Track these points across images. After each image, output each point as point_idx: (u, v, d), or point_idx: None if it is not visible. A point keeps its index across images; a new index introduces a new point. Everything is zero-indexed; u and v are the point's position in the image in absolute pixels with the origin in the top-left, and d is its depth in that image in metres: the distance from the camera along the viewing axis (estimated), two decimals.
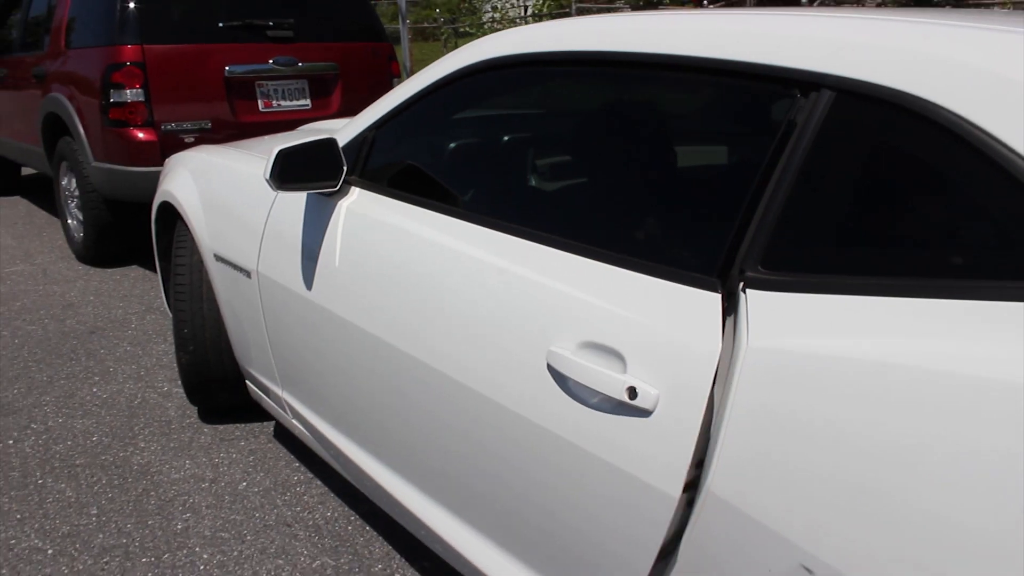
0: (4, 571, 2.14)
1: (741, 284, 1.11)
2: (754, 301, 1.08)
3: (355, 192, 1.93)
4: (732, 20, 1.30)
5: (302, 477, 2.54)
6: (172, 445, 2.76)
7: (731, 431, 1.04)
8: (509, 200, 1.69)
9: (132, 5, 4.21)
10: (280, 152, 1.81)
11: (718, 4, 13.27)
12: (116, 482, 2.54)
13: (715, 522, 1.07)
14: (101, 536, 2.27)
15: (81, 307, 4.19)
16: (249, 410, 2.98)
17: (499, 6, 20.65)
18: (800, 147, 1.11)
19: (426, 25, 13.48)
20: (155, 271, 4.79)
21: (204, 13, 4.42)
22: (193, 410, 3.01)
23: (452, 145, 1.91)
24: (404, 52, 13.34)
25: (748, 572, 1.04)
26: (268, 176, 1.81)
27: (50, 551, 2.22)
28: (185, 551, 2.20)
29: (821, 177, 1.09)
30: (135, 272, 4.83)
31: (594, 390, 1.22)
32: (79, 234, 4.93)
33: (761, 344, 1.04)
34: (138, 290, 4.47)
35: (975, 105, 0.96)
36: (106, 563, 2.16)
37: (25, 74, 5.31)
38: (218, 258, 2.40)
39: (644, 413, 1.16)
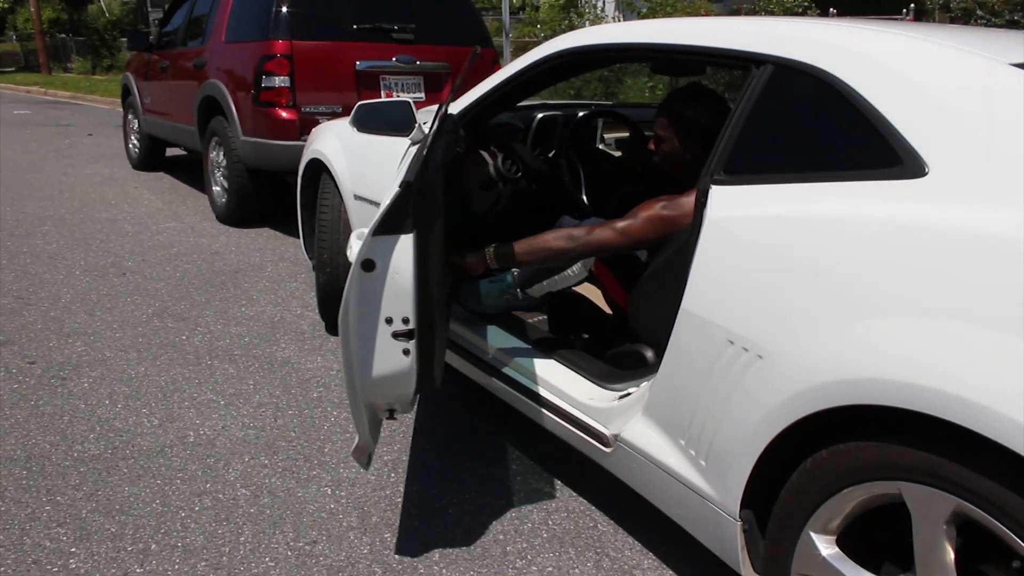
0: (192, 412, 2.93)
1: (711, 184, 1.77)
2: (716, 192, 1.74)
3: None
4: (722, 22, 1.96)
5: None
6: (306, 347, 3.53)
7: (698, 265, 1.71)
8: None
9: (284, 8, 5.08)
10: (360, 105, 2.63)
11: None
12: (265, 367, 3.32)
13: (686, 326, 1.73)
14: (257, 397, 3.05)
15: (225, 254, 5.07)
16: None
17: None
18: (750, 100, 1.76)
19: (527, 40, 14.33)
20: (284, 233, 5.64)
21: (341, 16, 5.27)
22: (322, 325, 3.78)
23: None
24: (506, 62, 14.18)
25: (701, 356, 1.69)
26: (350, 121, 2.65)
27: (222, 402, 3.00)
28: (320, 409, 2.95)
29: (760, 118, 1.74)
30: (267, 232, 5.71)
31: None
32: (222, 199, 5.84)
33: (715, 215, 1.70)
34: (271, 245, 5.33)
35: (849, 72, 1.60)
36: (262, 413, 2.92)
37: (186, 64, 6.29)
38: (357, 197, 3.16)
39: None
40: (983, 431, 1.16)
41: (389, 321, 1.86)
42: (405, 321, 1.86)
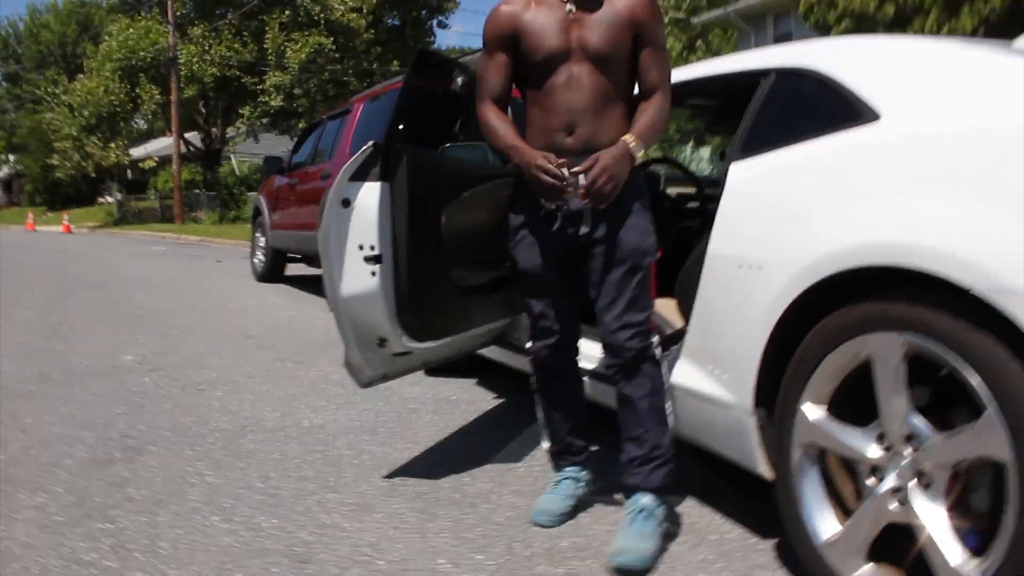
0: (308, 411, 3.42)
1: (731, 163, 2.24)
2: (734, 166, 2.21)
3: None
4: (736, 55, 2.50)
5: None
6: (408, 380, 4.02)
7: (719, 220, 2.16)
8: None
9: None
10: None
11: None
12: (372, 391, 3.81)
13: (708, 269, 2.17)
14: (362, 405, 3.53)
15: None
16: None
17: None
18: (759, 99, 2.27)
19: None
20: None
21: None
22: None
23: None
24: None
25: (719, 287, 2.11)
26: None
27: (332, 407, 3.49)
28: (415, 414, 3.41)
29: (766, 110, 2.23)
30: None
31: None
32: None
33: (733, 179, 2.17)
34: None
35: (825, 64, 2.10)
36: (365, 413, 3.39)
37: (313, 178, 7.22)
38: None
39: None
40: (922, 267, 1.55)
41: (360, 247, 2.37)
42: (372, 248, 2.37)
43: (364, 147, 2.40)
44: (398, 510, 2.35)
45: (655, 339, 2.17)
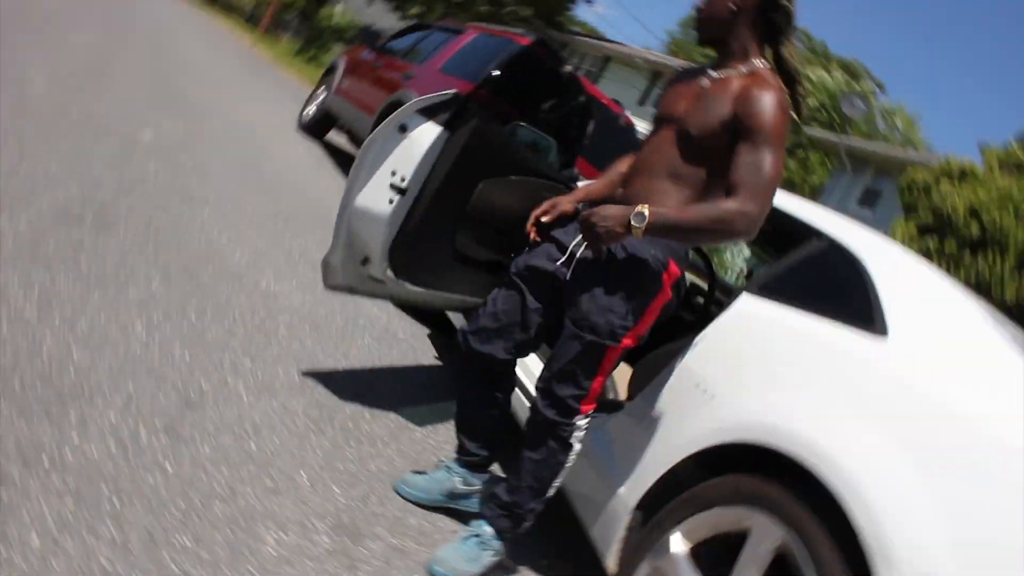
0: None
1: (743, 290, 2.32)
2: (742, 296, 2.29)
3: None
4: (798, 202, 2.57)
5: None
6: None
7: (715, 325, 2.24)
8: None
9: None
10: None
11: None
12: None
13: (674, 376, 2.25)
14: None
15: None
16: None
17: None
18: (802, 254, 2.33)
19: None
20: None
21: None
22: None
23: None
24: None
25: (671, 393, 2.20)
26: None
27: None
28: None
29: (803, 268, 2.31)
30: None
31: None
32: None
33: (734, 309, 2.25)
34: None
35: (881, 274, 2.18)
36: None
37: (395, 71, 7.24)
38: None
39: None
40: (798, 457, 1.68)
41: (393, 173, 2.43)
42: (402, 180, 2.43)
43: (447, 91, 2.46)
44: (294, 408, 2.44)
45: (580, 421, 2.09)
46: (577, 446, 2.12)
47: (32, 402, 1.78)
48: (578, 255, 2.10)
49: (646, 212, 1.88)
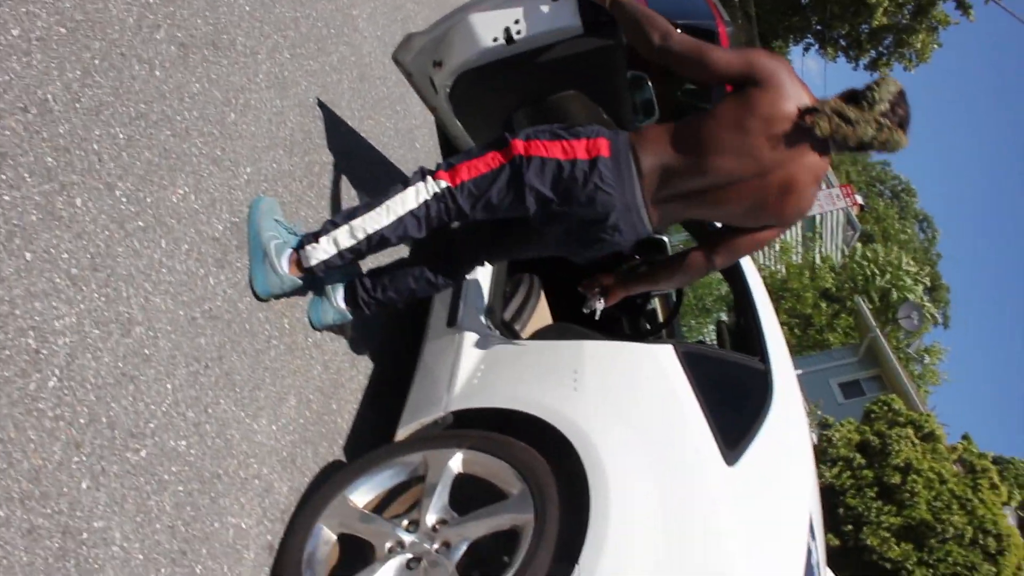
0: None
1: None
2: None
3: None
4: None
5: None
6: None
7: None
8: None
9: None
10: None
11: None
12: None
13: None
14: None
15: None
16: None
17: None
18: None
19: None
20: None
21: None
22: None
23: None
24: None
25: None
26: None
27: None
28: None
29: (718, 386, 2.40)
30: None
31: None
32: None
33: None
34: None
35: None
36: None
37: None
38: None
39: None
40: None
41: (516, 21, 2.41)
42: (518, 32, 2.41)
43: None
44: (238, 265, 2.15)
45: (428, 180, 2.11)
46: (410, 193, 2.11)
47: None
48: None
49: None
